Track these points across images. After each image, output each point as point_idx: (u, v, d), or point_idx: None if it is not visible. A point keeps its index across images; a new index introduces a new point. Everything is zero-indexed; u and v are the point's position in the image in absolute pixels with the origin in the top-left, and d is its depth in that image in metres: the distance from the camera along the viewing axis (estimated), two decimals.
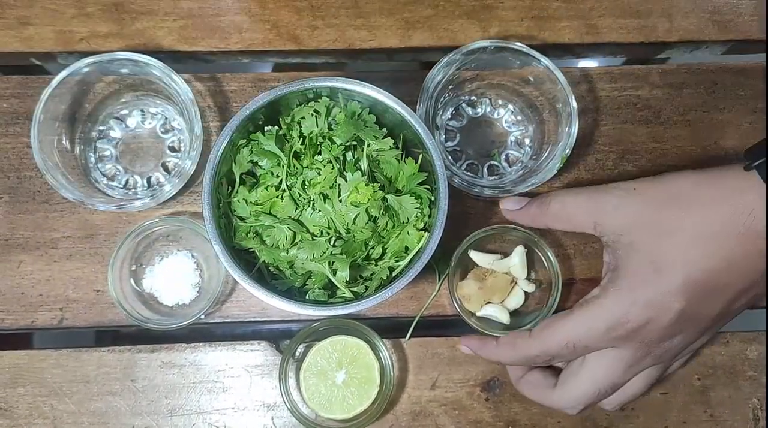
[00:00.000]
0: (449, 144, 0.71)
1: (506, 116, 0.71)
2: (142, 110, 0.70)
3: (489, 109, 0.71)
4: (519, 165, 0.70)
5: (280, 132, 0.61)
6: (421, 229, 0.60)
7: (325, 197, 0.59)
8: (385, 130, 0.62)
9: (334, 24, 0.71)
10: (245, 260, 0.60)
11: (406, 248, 0.60)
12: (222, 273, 0.64)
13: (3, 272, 0.67)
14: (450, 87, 0.69)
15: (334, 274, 0.58)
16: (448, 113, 0.71)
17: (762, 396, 0.68)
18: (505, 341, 0.62)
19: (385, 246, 0.60)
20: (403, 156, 0.62)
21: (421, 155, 0.60)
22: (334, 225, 0.59)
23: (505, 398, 0.68)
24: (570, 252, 0.69)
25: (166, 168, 0.69)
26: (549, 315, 0.63)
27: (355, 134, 0.60)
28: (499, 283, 0.66)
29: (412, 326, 0.67)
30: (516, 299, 0.66)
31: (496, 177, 0.70)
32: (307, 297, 0.60)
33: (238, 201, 0.60)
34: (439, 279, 0.67)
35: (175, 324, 0.64)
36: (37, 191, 0.68)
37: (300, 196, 0.59)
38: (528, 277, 0.67)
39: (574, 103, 0.64)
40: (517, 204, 0.64)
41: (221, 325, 0.69)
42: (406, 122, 0.58)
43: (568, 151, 0.64)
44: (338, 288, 0.59)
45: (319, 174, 0.59)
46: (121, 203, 0.63)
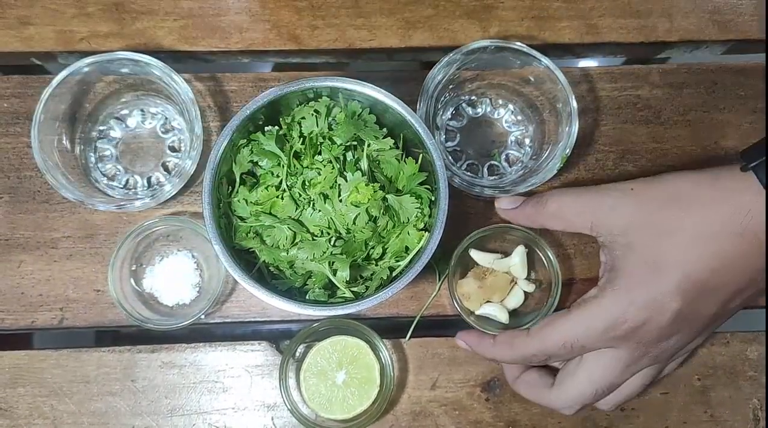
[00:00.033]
0: (449, 144, 0.71)
1: (506, 116, 0.71)
2: (142, 110, 0.70)
3: (489, 109, 0.71)
4: (519, 165, 0.70)
5: (281, 132, 0.61)
6: (422, 229, 0.60)
7: (326, 197, 0.59)
8: (385, 129, 0.62)
9: (334, 24, 0.71)
10: (245, 260, 0.60)
11: (407, 248, 0.60)
12: (222, 273, 0.64)
13: (3, 272, 0.67)
14: (450, 87, 0.69)
15: (335, 274, 0.58)
16: (449, 113, 0.71)
17: (762, 397, 0.68)
18: (503, 339, 0.62)
19: (386, 246, 0.60)
20: (404, 156, 0.62)
21: (421, 155, 0.60)
22: (335, 225, 0.59)
23: (505, 398, 0.68)
24: (570, 252, 0.69)
25: (166, 168, 0.69)
26: (548, 315, 0.63)
27: (355, 134, 0.60)
28: (499, 283, 0.66)
29: (413, 326, 0.67)
30: (515, 299, 0.66)
31: (496, 177, 0.70)
32: (307, 298, 0.60)
33: (239, 201, 0.60)
34: (440, 280, 0.67)
35: (176, 325, 0.64)
36: (37, 191, 0.68)
37: (300, 195, 0.59)
38: (528, 277, 0.67)
39: (574, 103, 0.64)
40: (512, 203, 0.64)
41: (221, 325, 0.69)
42: (407, 122, 0.58)
43: (568, 150, 0.64)
44: (338, 288, 0.59)
45: (319, 174, 0.59)
46: (122, 203, 0.63)
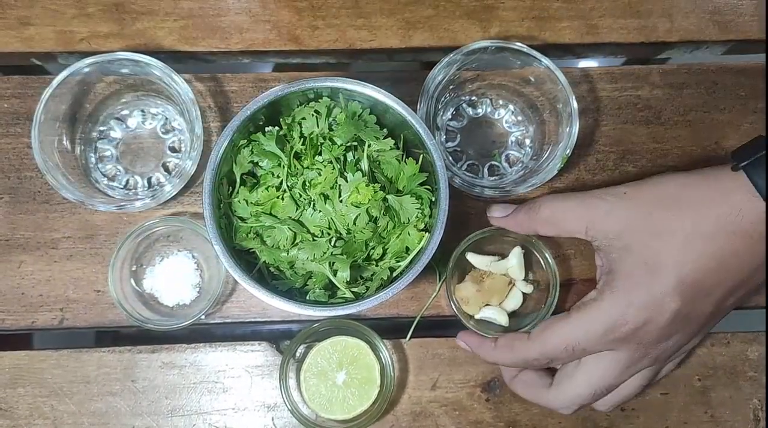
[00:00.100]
0: (450, 144, 0.71)
1: (507, 116, 0.71)
2: (142, 110, 0.70)
3: (489, 110, 0.71)
4: (519, 165, 0.70)
5: (281, 132, 0.61)
6: (422, 230, 0.60)
7: (326, 197, 0.59)
8: (385, 130, 0.62)
9: (334, 24, 0.71)
10: (246, 260, 0.60)
11: (407, 248, 0.60)
12: (222, 274, 0.64)
13: (3, 272, 0.67)
14: (450, 87, 0.69)
15: (335, 275, 0.58)
16: (449, 113, 0.71)
17: (762, 397, 0.68)
18: (503, 343, 0.62)
19: (386, 247, 0.60)
20: (404, 156, 0.62)
21: (421, 155, 0.60)
22: (335, 226, 0.59)
23: (505, 398, 0.68)
24: (569, 252, 0.69)
25: (166, 168, 0.69)
26: (548, 317, 0.63)
27: (355, 134, 0.60)
28: (497, 285, 0.66)
29: (413, 326, 0.67)
30: (514, 300, 0.66)
31: (496, 177, 0.70)
32: (307, 298, 0.60)
33: (239, 201, 0.60)
34: (440, 280, 0.67)
35: (176, 325, 0.64)
36: (37, 191, 0.68)
37: (300, 196, 0.59)
38: (526, 278, 0.67)
39: (574, 103, 0.64)
40: (503, 211, 0.64)
41: (222, 326, 0.69)
42: (407, 122, 0.58)
43: (568, 151, 0.64)
44: (339, 288, 0.59)
45: (319, 174, 0.59)
46: (122, 203, 0.63)
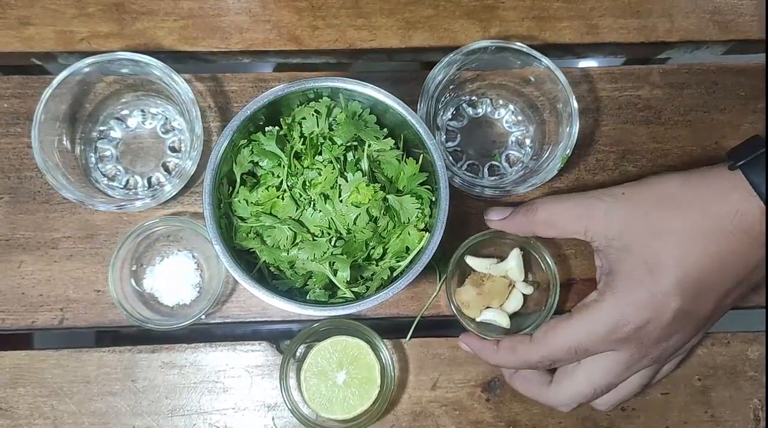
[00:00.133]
0: (450, 144, 0.71)
1: (507, 116, 0.71)
2: (142, 110, 0.70)
3: (490, 109, 0.71)
4: (520, 165, 0.70)
5: (281, 132, 0.61)
6: (422, 229, 0.60)
7: (326, 197, 0.59)
8: (385, 130, 0.62)
9: (334, 24, 0.71)
10: (246, 260, 0.60)
11: (407, 248, 0.60)
12: (222, 274, 0.64)
13: (3, 272, 0.67)
14: (451, 87, 0.69)
15: (335, 275, 0.58)
16: (449, 113, 0.71)
17: (763, 397, 0.68)
18: (505, 345, 0.62)
19: (386, 247, 0.60)
20: (404, 156, 0.62)
21: (421, 155, 0.60)
22: (335, 226, 0.59)
23: (505, 398, 0.68)
24: (569, 252, 0.69)
25: (166, 168, 0.69)
26: (549, 317, 0.63)
27: (355, 134, 0.60)
28: (497, 287, 0.66)
29: (413, 326, 0.67)
30: (515, 302, 0.66)
31: (496, 177, 0.70)
32: (307, 298, 0.60)
33: (239, 201, 0.60)
34: (440, 280, 0.67)
35: (176, 325, 0.64)
36: (37, 191, 0.68)
37: (301, 196, 0.59)
38: (526, 279, 0.67)
39: (574, 103, 0.64)
40: (501, 213, 0.64)
41: (222, 325, 0.69)
42: (407, 122, 0.58)
43: (569, 151, 0.64)
44: (339, 288, 0.59)
45: (319, 174, 0.59)
46: (122, 203, 0.63)
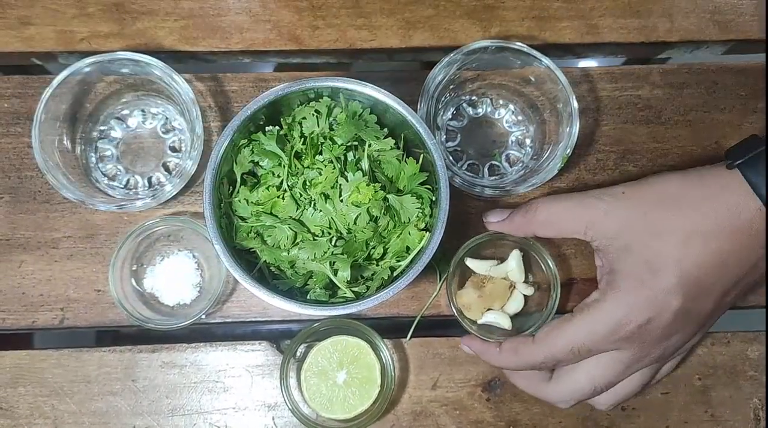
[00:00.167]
0: (450, 144, 0.71)
1: (507, 116, 0.71)
2: (143, 110, 0.70)
3: (490, 109, 0.71)
4: (520, 165, 0.70)
5: (281, 132, 0.61)
6: (422, 229, 0.60)
7: (326, 197, 0.59)
8: (386, 130, 0.62)
9: (334, 24, 0.71)
10: (246, 260, 0.60)
11: (407, 248, 0.60)
12: (223, 273, 0.64)
13: (4, 272, 0.67)
14: (451, 87, 0.69)
15: (335, 274, 0.58)
16: (449, 113, 0.71)
17: (763, 396, 0.68)
18: (508, 347, 0.61)
19: (386, 246, 0.60)
20: (404, 156, 0.62)
21: (422, 155, 0.60)
22: (335, 225, 0.59)
23: (506, 398, 0.68)
24: (569, 252, 0.69)
25: (167, 168, 0.69)
26: (551, 317, 0.63)
27: (356, 134, 0.60)
28: (498, 289, 0.66)
29: (413, 326, 0.67)
30: (516, 303, 0.66)
31: (497, 177, 0.70)
32: (308, 297, 0.60)
33: (239, 201, 0.60)
34: (440, 280, 0.67)
35: (176, 324, 0.64)
36: (38, 191, 0.68)
37: (301, 196, 0.59)
38: (526, 280, 0.67)
39: (575, 103, 0.64)
40: (499, 215, 0.64)
41: (222, 325, 0.69)
42: (407, 122, 0.58)
43: (569, 150, 0.64)
44: (339, 288, 0.59)
45: (320, 174, 0.59)
46: (122, 203, 0.63)
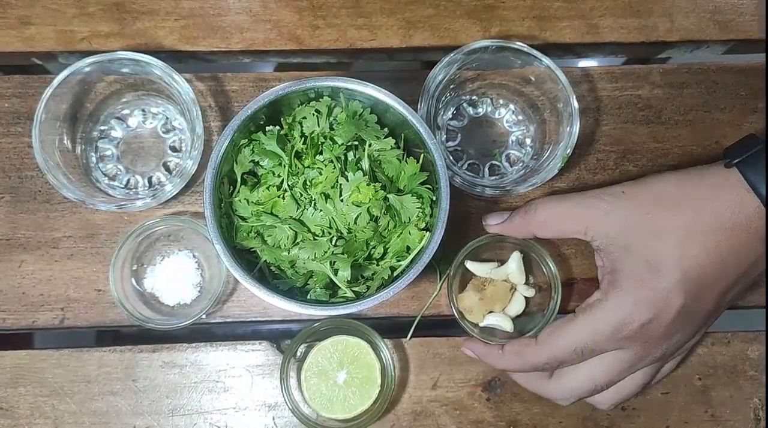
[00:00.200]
0: (450, 144, 0.71)
1: (507, 116, 0.71)
2: (143, 110, 0.70)
3: (490, 109, 0.71)
4: (520, 164, 0.70)
5: (282, 132, 0.61)
6: (423, 229, 0.60)
7: (327, 197, 0.59)
8: (386, 129, 0.62)
9: (335, 24, 0.71)
10: (246, 260, 0.60)
11: (408, 248, 0.60)
12: (223, 273, 0.64)
13: (4, 272, 0.67)
14: (451, 87, 0.69)
15: (336, 274, 0.58)
16: (449, 113, 0.71)
17: (763, 396, 0.68)
18: (511, 349, 0.62)
19: (387, 246, 0.60)
20: (405, 156, 0.62)
21: (422, 155, 0.60)
22: (336, 225, 0.59)
23: (506, 398, 0.68)
24: (569, 252, 0.69)
25: (167, 168, 0.69)
26: (552, 318, 0.63)
27: (356, 134, 0.60)
28: (499, 292, 0.66)
29: (414, 326, 0.67)
30: (517, 305, 0.66)
31: (497, 176, 0.70)
32: (308, 297, 0.60)
33: (240, 201, 0.60)
34: (441, 280, 0.67)
35: (177, 324, 0.64)
36: (38, 191, 0.68)
37: (301, 195, 0.59)
38: (527, 282, 0.67)
39: (575, 103, 0.64)
40: (499, 218, 0.64)
41: (222, 325, 0.69)
42: (408, 122, 0.58)
43: (569, 150, 0.64)
44: (339, 288, 0.59)
45: (320, 173, 0.59)
46: (123, 203, 0.63)
